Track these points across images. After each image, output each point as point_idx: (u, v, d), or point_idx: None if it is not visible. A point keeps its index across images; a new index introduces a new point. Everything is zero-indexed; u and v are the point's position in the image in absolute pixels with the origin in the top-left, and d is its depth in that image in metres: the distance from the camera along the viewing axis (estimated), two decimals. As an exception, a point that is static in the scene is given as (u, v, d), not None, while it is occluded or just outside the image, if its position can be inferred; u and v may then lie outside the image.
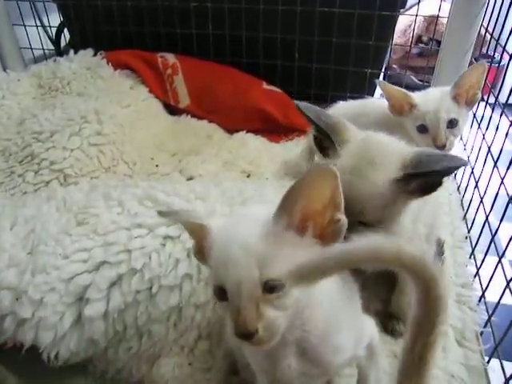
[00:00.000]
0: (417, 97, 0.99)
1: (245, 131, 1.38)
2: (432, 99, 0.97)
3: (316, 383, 0.61)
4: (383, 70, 1.24)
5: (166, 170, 1.19)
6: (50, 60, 1.56)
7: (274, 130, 1.37)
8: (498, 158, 0.92)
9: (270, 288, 0.46)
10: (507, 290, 0.74)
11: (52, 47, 1.86)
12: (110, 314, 0.75)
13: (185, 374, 0.76)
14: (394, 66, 2.37)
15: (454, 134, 0.97)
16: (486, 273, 0.88)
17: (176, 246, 0.78)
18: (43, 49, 1.80)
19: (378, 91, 1.47)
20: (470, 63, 1.27)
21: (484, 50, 1.40)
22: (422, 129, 0.97)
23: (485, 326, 0.83)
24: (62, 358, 0.74)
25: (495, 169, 0.92)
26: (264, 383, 0.60)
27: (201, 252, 0.54)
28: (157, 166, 1.21)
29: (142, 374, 0.79)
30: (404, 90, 0.99)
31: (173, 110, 1.50)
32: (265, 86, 1.46)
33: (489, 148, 1.01)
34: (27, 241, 0.79)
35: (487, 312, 0.84)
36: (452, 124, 0.95)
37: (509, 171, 0.82)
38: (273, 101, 1.42)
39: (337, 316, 0.55)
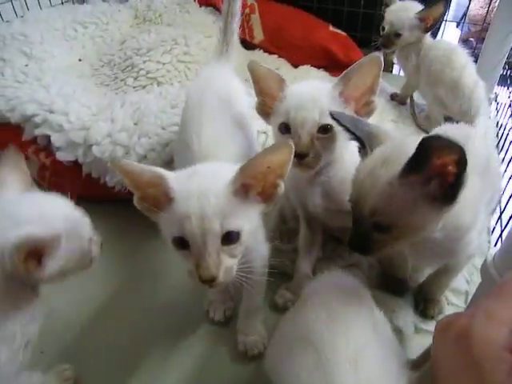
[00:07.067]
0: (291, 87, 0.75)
1: (309, 65, 1.55)
2: (305, 91, 0.72)
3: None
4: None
5: (240, 88, 1.38)
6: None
7: (336, 66, 1.52)
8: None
9: (228, 240, 0.55)
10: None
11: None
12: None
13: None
14: (472, 39, 2.28)
15: (326, 146, 0.71)
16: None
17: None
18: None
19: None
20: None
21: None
22: (283, 129, 0.72)
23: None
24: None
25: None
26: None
27: (153, 204, 0.57)
28: (232, 85, 1.41)
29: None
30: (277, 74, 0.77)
31: (247, 45, 1.69)
32: (331, 28, 1.62)
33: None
34: (134, 115, 1.02)
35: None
36: (326, 131, 0.70)
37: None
38: (337, 42, 1.58)
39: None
